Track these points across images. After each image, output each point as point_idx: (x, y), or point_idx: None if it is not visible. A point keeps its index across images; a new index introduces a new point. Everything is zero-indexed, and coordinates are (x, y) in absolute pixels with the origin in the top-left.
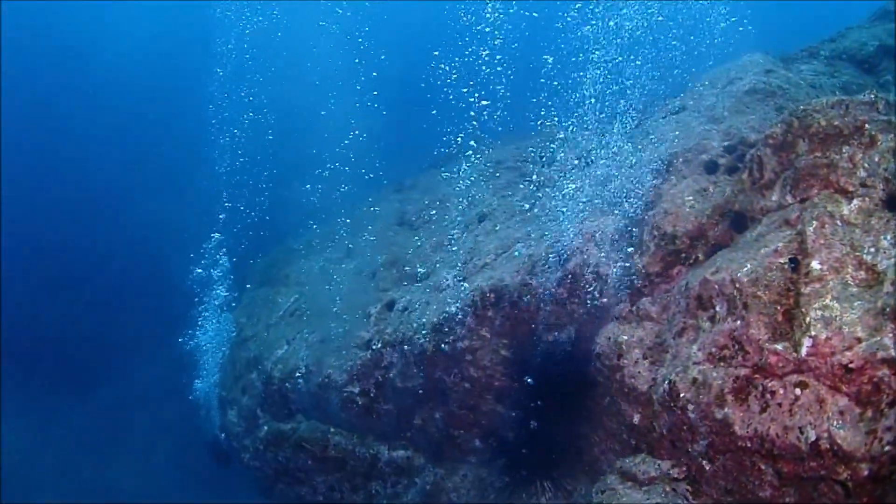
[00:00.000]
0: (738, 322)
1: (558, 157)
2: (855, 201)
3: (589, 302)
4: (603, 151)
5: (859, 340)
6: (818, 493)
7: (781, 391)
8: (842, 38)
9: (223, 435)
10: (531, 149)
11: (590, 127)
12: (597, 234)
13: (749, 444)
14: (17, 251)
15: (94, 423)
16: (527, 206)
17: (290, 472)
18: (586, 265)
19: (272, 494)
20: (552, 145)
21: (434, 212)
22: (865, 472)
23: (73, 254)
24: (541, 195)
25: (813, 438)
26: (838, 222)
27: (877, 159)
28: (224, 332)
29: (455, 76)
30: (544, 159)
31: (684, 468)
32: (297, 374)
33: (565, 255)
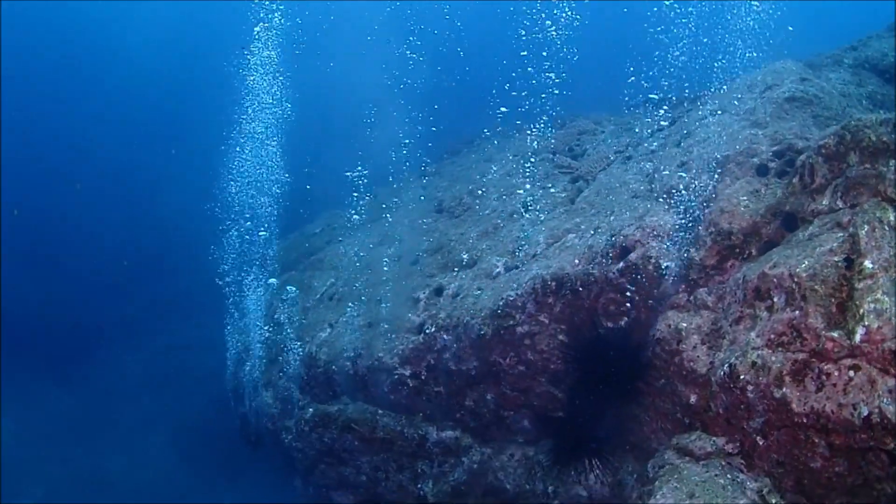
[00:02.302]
0: (797, 312)
1: (589, 150)
2: None
3: (648, 291)
4: (641, 148)
5: None
6: (866, 462)
7: (836, 373)
8: (863, 46)
9: (255, 417)
10: (557, 141)
11: (621, 122)
12: (657, 228)
13: (805, 420)
14: (15, 238)
15: (88, 409)
16: (570, 198)
17: (334, 452)
18: (647, 257)
19: (312, 475)
20: (581, 137)
21: (472, 200)
22: None
23: (71, 241)
24: (580, 187)
25: (865, 413)
26: (886, 227)
27: None
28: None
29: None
30: (574, 151)
31: (738, 444)
32: (346, 357)
33: (626, 247)
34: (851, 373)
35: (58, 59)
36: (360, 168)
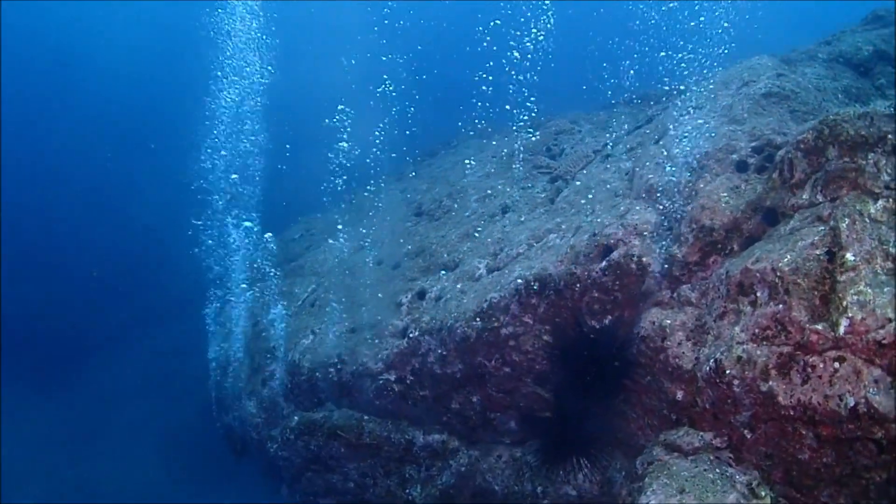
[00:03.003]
0: (781, 306)
1: (566, 149)
2: (880, 202)
3: (631, 289)
4: (619, 146)
5: (890, 320)
6: (854, 452)
7: (822, 365)
8: (837, 41)
9: (239, 426)
10: (534, 141)
11: (598, 121)
12: (638, 226)
13: (792, 413)
14: (11, 248)
15: (84, 414)
16: (549, 198)
17: (320, 460)
18: (630, 255)
19: (299, 483)
20: (559, 136)
21: (452, 202)
22: None
23: (62, 249)
24: (560, 186)
25: (852, 404)
26: (867, 219)
27: None
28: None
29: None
30: (552, 151)
31: (726, 438)
32: (330, 364)
33: (608, 246)
34: (837, 364)
35: (56, 59)
36: (341, 109)
